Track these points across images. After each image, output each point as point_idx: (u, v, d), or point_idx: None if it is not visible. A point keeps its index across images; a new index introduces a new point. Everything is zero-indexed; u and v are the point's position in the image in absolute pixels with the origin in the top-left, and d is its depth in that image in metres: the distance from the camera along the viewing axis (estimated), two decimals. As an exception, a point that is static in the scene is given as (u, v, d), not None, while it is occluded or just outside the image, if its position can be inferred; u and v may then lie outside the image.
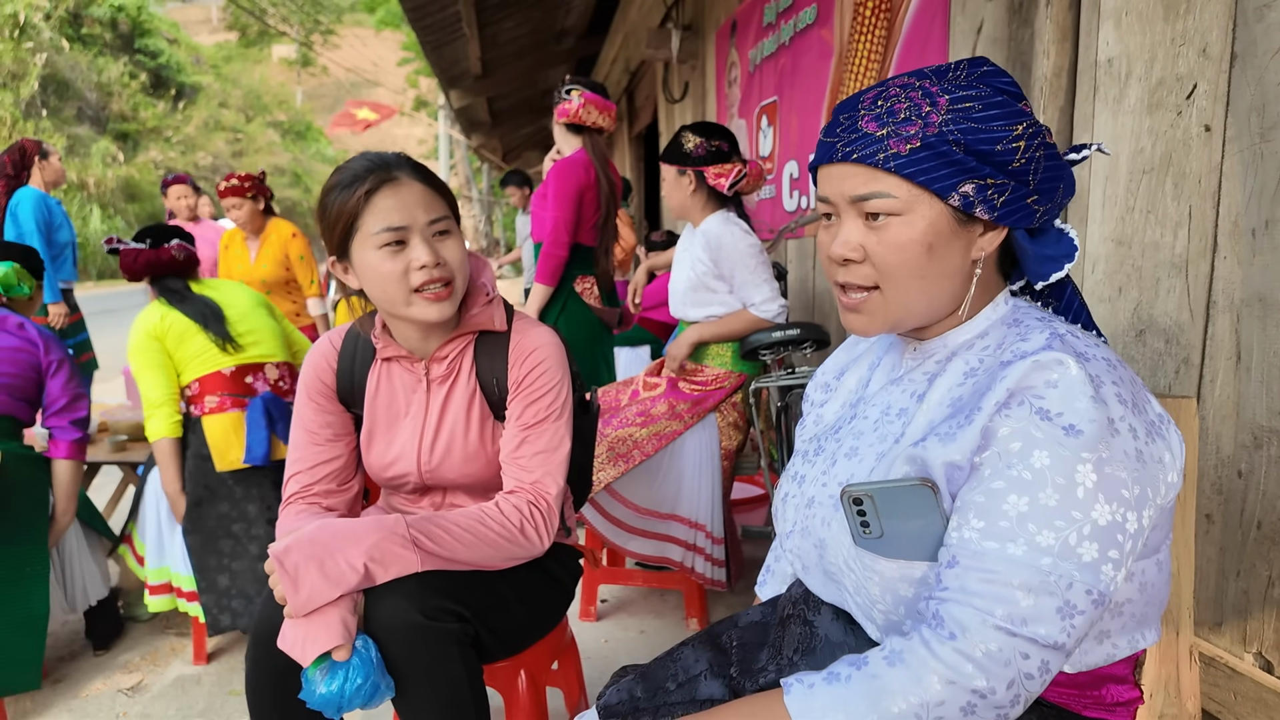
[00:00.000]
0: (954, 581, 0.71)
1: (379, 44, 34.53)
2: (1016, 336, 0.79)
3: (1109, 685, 0.80)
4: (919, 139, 0.75)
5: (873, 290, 0.81)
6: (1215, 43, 1.30)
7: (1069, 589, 0.67)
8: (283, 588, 1.03)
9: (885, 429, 0.85)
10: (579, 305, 2.67)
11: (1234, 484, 1.31)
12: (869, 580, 0.79)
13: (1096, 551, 0.68)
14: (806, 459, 0.94)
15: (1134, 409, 0.72)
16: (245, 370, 2.11)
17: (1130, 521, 0.69)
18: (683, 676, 0.95)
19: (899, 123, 0.76)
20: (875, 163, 0.76)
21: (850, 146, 0.78)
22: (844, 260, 0.81)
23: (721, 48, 3.95)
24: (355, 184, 1.14)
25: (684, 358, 2.12)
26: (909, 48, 2.21)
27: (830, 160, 0.80)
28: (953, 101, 0.75)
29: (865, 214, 0.79)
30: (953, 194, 0.75)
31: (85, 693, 2.04)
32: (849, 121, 0.79)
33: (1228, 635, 1.35)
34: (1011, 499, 0.70)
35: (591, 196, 2.58)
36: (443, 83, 7.32)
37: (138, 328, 2.06)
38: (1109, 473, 0.68)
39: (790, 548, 0.90)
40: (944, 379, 0.82)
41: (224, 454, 2.05)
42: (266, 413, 2.07)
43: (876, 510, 0.76)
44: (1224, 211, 1.30)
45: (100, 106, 20.63)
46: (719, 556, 2.14)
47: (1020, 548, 0.68)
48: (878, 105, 0.78)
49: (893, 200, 0.76)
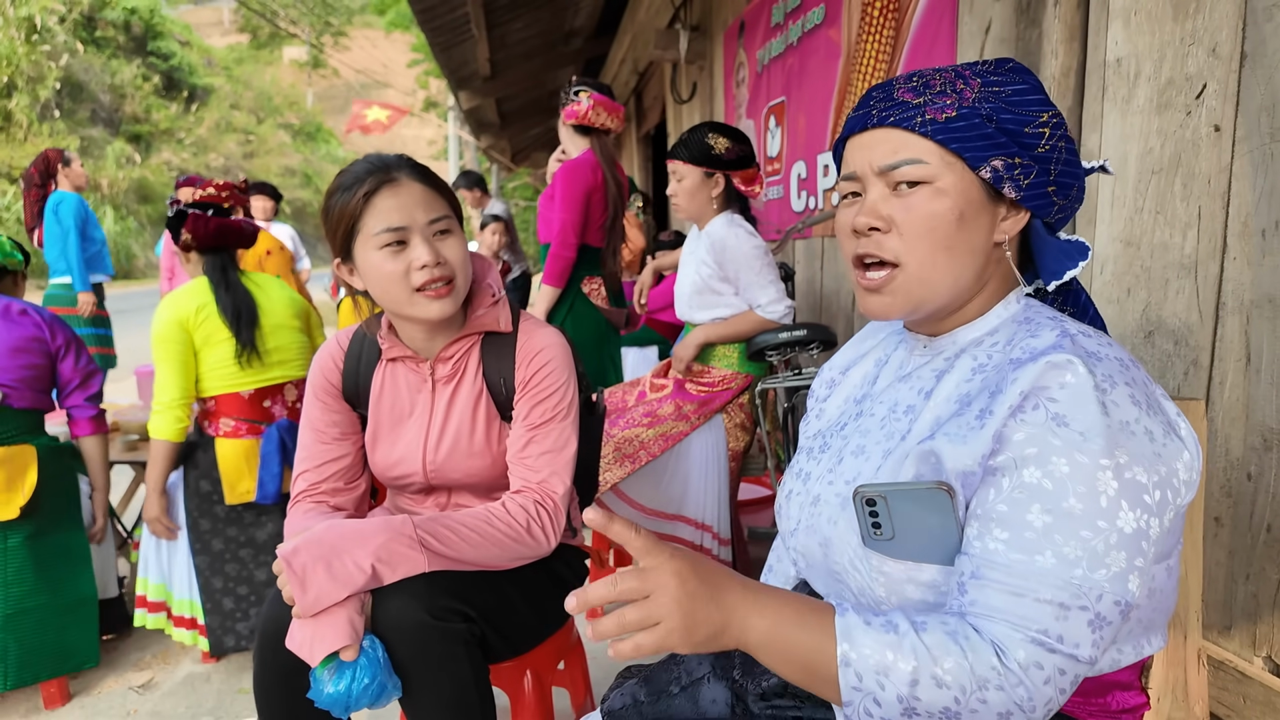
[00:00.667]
0: (980, 594, 0.69)
1: (389, 46, 34.69)
2: (1026, 333, 0.78)
3: (1115, 692, 0.80)
4: (954, 109, 0.76)
5: (894, 268, 0.79)
6: (1225, 42, 1.29)
7: (1099, 601, 0.66)
8: (291, 588, 1.04)
9: (892, 426, 0.84)
10: (586, 306, 2.67)
11: (1243, 487, 1.30)
12: (874, 581, 0.78)
13: (1124, 561, 0.67)
14: (811, 456, 0.93)
15: (1149, 410, 0.71)
16: (264, 394, 2.05)
17: (1154, 527, 0.68)
18: (686, 679, 0.95)
19: (935, 94, 0.77)
20: (911, 126, 0.77)
21: (886, 112, 0.78)
22: (869, 229, 0.80)
23: (729, 48, 3.95)
24: (355, 186, 1.15)
25: (690, 359, 2.11)
26: (917, 48, 2.21)
27: (863, 128, 0.80)
28: (985, 84, 0.77)
29: (894, 184, 0.78)
30: (984, 166, 0.76)
31: (97, 690, 2.06)
32: (882, 94, 0.80)
33: (1237, 639, 1.34)
34: (1035, 509, 0.68)
35: (599, 198, 2.58)
36: (452, 84, 7.35)
37: (168, 313, 1.95)
38: (1129, 479, 0.67)
39: (794, 546, 0.90)
40: (952, 375, 0.81)
41: (234, 485, 2.01)
42: (281, 444, 2.02)
43: (890, 512, 0.75)
44: (1234, 212, 1.29)
45: (113, 108, 20.81)
46: (725, 558, 2.14)
47: (1049, 560, 0.67)
48: (913, 81, 0.79)
49: (924, 167, 0.77)
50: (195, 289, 2.00)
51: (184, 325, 1.95)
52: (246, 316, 2.00)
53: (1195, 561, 1.00)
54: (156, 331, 1.95)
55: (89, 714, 1.96)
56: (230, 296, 2.00)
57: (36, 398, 2.00)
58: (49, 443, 2.04)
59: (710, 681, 0.94)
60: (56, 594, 1.98)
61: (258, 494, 2.02)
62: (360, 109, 13.23)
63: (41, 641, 1.95)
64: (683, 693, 0.94)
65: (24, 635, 1.93)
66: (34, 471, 1.94)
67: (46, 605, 1.96)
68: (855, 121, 0.82)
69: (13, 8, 16.99)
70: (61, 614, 1.99)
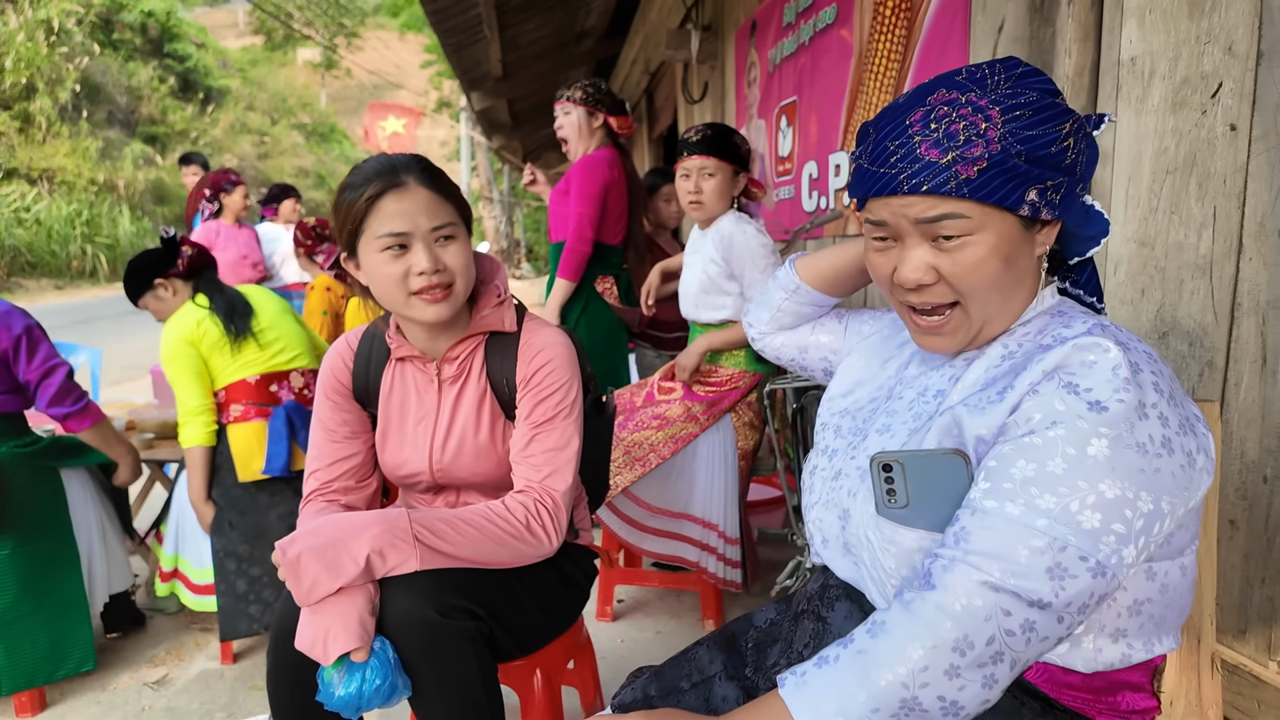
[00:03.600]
0: (950, 539, 0.71)
1: (402, 47, 34.83)
2: (1059, 324, 0.79)
3: (1125, 692, 0.79)
4: (985, 159, 0.74)
5: (953, 307, 0.80)
6: (1241, 40, 1.28)
7: (1062, 551, 0.67)
8: (286, 578, 1.06)
9: (920, 408, 0.86)
10: (600, 305, 2.66)
11: (1259, 489, 1.29)
12: (885, 552, 0.79)
13: (1098, 522, 0.67)
14: (839, 434, 0.95)
15: (1170, 400, 0.71)
16: (270, 379, 2.13)
17: (1144, 501, 0.68)
18: (697, 677, 0.95)
19: (961, 146, 0.74)
20: (947, 191, 0.74)
21: (917, 178, 0.75)
22: (916, 285, 0.80)
23: (741, 48, 3.94)
24: (363, 187, 1.16)
25: (694, 368, 2.10)
26: (929, 47, 2.20)
27: (894, 193, 0.78)
28: (1004, 112, 0.74)
29: (934, 236, 0.77)
30: (1022, 205, 0.75)
31: (112, 686, 2.09)
32: (903, 149, 0.76)
33: (1252, 643, 1.33)
34: (1020, 464, 0.70)
35: (617, 194, 2.57)
36: (464, 85, 7.37)
37: (173, 334, 2.07)
38: (1125, 451, 0.68)
39: (813, 519, 0.91)
40: (981, 360, 0.83)
41: (246, 464, 2.08)
42: (289, 421, 2.09)
43: (905, 478, 0.76)
44: (1249, 212, 1.28)
45: (130, 110, 21.01)
46: (733, 557, 2.14)
47: (1018, 508, 0.68)
48: (931, 128, 0.75)
49: (966, 221, 0.76)
50: (188, 309, 2.11)
51: (189, 340, 2.06)
52: (240, 309, 2.13)
53: (1210, 565, 0.99)
54: (166, 353, 2.06)
55: (104, 710, 1.98)
56: (223, 298, 2.13)
57: (2, 400, 1.91)
58: (19, 448, 1.94)
59: (721, 680, 0.94)
60: (42, 603, 1.95)
61: (265, 466, 2.06)
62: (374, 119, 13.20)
63: (32, 648, 1.93)
64: (694, 690, 0.94)
65: (12, 644, 1.91)
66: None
67: (31, 615, 1.93)
68: (879, 182, 0.78)
69: (31, 10, 17.18)
70: (50, 621, 1.96)
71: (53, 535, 2.01)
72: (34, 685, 1.94)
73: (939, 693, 0.66)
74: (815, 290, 1.09)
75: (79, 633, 2.02)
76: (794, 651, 0.91)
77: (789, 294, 1.11)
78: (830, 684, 0.70)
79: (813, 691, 0.70)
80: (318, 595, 1.05)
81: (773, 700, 0.73)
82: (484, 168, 15.91)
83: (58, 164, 16.76)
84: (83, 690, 2.07)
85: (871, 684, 0.67)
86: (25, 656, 1.93)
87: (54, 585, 1.99)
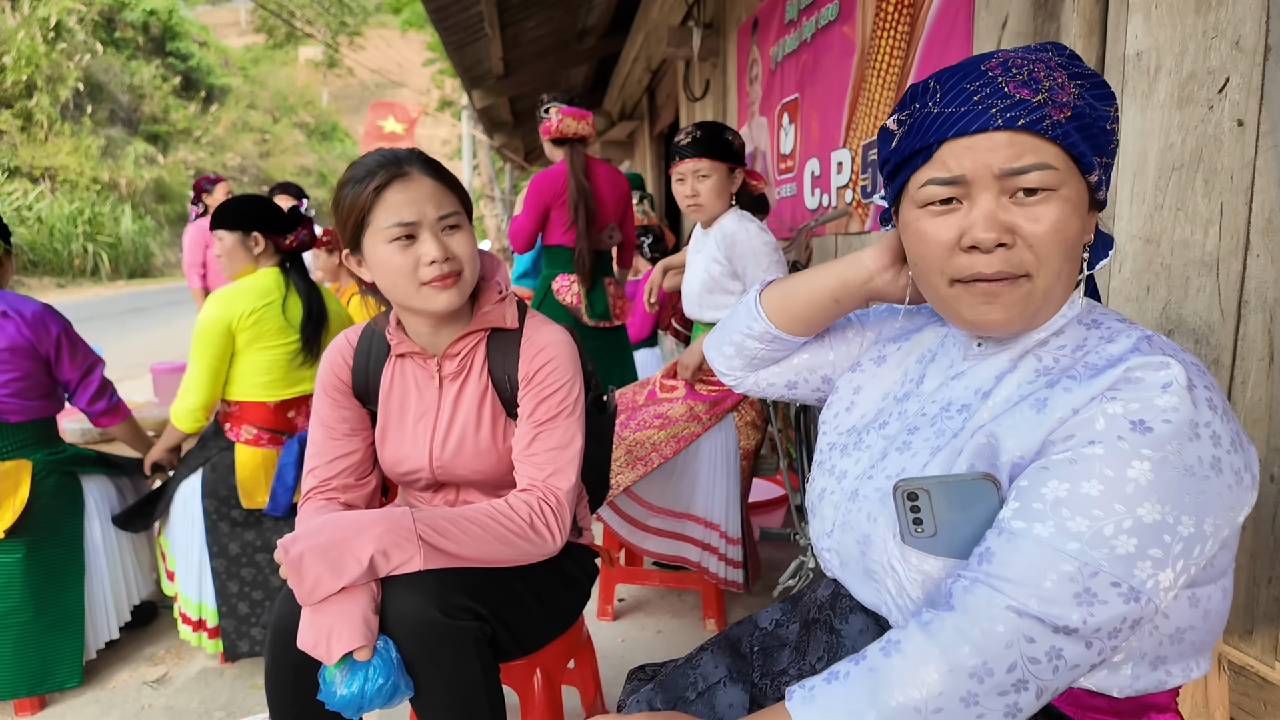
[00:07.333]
0: (975, 559, 0.68)
1: (404, 45, 34.83)
2: (1100, 339, 0.74)
3: (1151, 714, 0.77)
4: (1070, 107, 0.69)
5: (1022, 278, 0.72)
6: (1249, 35, 1.27)
7: (1093, 577, 0.62)
8: (289, 577, 1.05)
9: (944, 424, 0.80)
10: (553, 303, 2.87)
11: (1265, 489, 1.28)
12: (912, 582, 0.75)
13: (1134, 547, 0.63)
14: (846, 453, 0.89)
15: (1224, 417, 0.67)
16: (289, 405, 2.05)
17: (1185, 525, 0.63)
18: (702, 685, 0.93)
19: (1048, 90, 0.69)
20: (1041, 129, 0.68)
21: (1011, 111, 0.68)
22: (995, 245, 0.70)
23: (743, 45, 3.93)
24: (367, 179, 1.15)
25: (696, 366, 2.09)
26: (932, 44, 2.18)
27: (983, 128, 0.70)
28: (1071, 77, 0.70)
29: (1013, 191, 0.71)
30: (1094, 169, 0.71)
31: (112, 684, 2.08)
32: (987, 88, 0.70)
33: (1258, 644, 1.32)
34: (1052, 484, 0.66)
35: (560, 203, 2.80)
36: (465, 83, 7.36)
37: (218, 309, 1.93)
38: (1170, 474, 0.64)
39: (828, 547, 0.87)
40: (1014, 376, 0.77)
41: (250, 493, 2.02)
42: (300, 456, 2.00)
43: (932, 506, 0.72)
44: (1256, 208, 1.27)
45: (132, 109, 21.01)
46: (735, 557, 2.13)
47: (1048, 529, 0.64)
48: (1013, 71, 0.70)
49: (1054, 173, 0.69)
50: (260, 282, 1.99)
51: (229, 328, 1.94)
52: (317, 314, 2.05)
53: (1216, 565, 0.98)
54: (201, 327, 1.94)
55: (104, 708, 1.98)
56: (307, 290, 2.05)
57: (36, 407, 1.92)
58: (50, 455, 1.96)
59: (727, 685, 0.92)
60: (41, 611, 1.93)
61: (269, 505, 2.00)
62: (376, 118, 13.27)
63: (21, 657, 1.91)
64: (699, 699, 0.92)
65: (2, 650, 1.89)
66: (26, 488, 1.88)
67: (29, 622, 1.92)
68: (962, 120, 0.71)
69: (31, 8, 17.18)
70: (44, 632, 1.94)
71: (64, 546, 1.99)
72: (16, 696, 1.91)
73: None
74: (792, 336, 0.99)
75: (69, 647, 1.99)
76: (806, 664, 0.88)
77: (765, 344, 1.00)
78: (838, 700, 0.67)
79: (819, 707, 0.68)
80: (320, 595, 1.04)
81: (779, 713, 0.71)
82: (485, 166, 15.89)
83: (59, 162, 16.78)
84: (83, 689, 2.06)
85: (881, 704, 0.64)
86: (13, 666, 1.90)
87: (55, 596, 1.97)
